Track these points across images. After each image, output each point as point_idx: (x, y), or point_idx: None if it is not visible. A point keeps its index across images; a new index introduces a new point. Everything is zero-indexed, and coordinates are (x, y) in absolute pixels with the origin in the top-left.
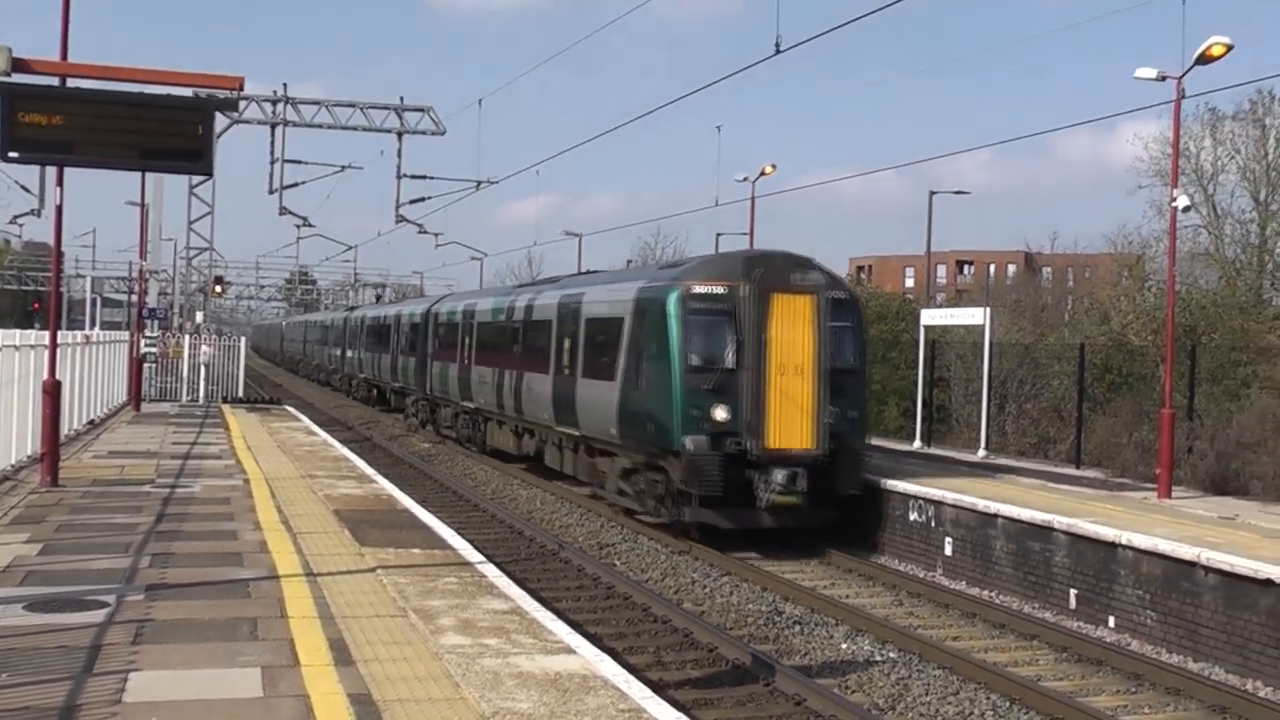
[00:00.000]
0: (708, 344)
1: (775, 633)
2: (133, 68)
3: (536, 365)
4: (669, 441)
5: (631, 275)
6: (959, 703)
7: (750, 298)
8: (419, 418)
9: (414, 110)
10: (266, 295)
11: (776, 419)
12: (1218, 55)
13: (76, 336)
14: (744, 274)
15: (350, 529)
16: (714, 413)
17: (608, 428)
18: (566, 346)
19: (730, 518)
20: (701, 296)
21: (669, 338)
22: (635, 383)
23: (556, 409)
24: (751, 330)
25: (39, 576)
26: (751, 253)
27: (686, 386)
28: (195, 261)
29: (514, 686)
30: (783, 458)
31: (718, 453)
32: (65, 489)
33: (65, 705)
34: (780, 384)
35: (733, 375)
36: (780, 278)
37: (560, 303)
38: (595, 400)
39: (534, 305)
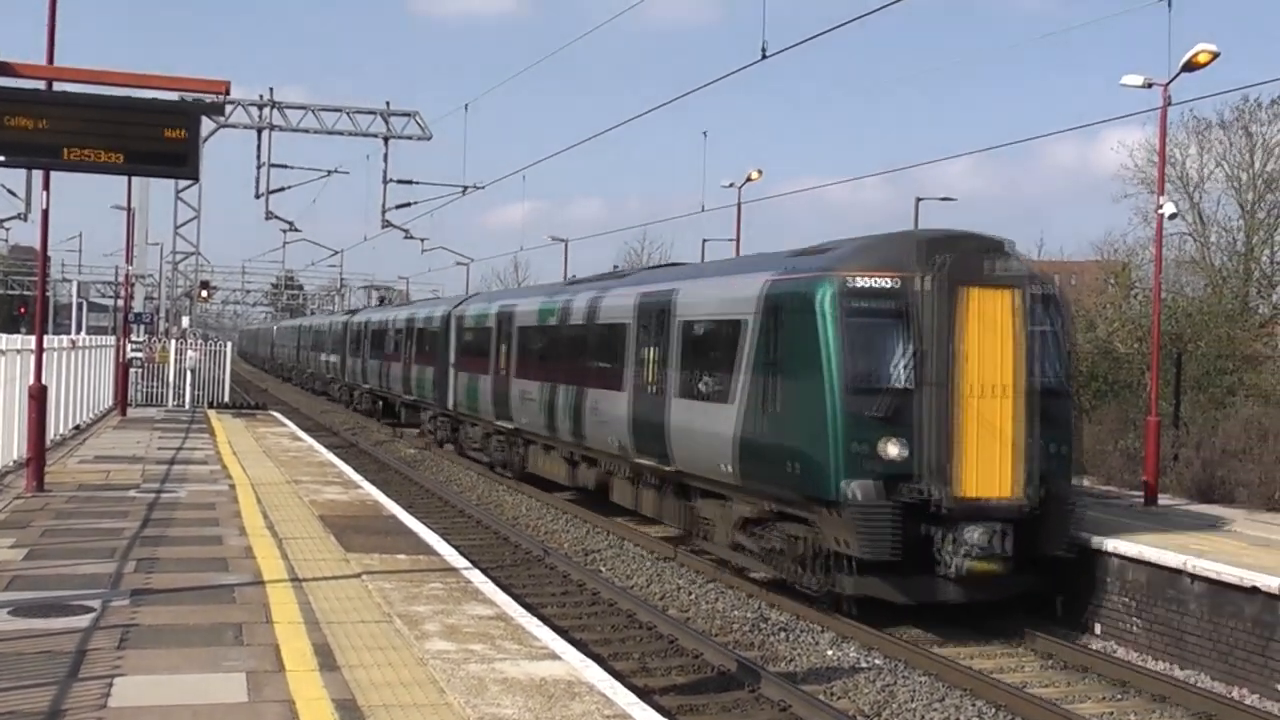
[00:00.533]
0: (875, 356)
1: (761, 639)
2: (119, 71)
3: (606, 380)
4: (821, 487)
5: (745, 265)
6: (944, 709)
7: (933, 293)
8: (437, 435)
9: (400, 115)
10: (253, 300)
11: (970, 457)
12: (1204, 62)
13: (62, 341)
14: (921, 261)
15: (336, 534)
16: (885, 449)
17: (719, 464)
18: (651, 357)
19: (905, 589)
20: (865, 292)
21: (821, 347)
22: (765, 407)
23: (636, 436)
24: (935, 337)
25: (24, 581)
26: (930, 233)
27: (848, 413)
28: (181, 266)
29: (499, 692)
30: (978, 509)
31: (892, 502)
32: (51, 494)
33: (50, 710)
34: (975, 410)
35: (908, 398)
36: (971, 267)
37: (641, 302)
38: (699, 428)
39: (601, 305)
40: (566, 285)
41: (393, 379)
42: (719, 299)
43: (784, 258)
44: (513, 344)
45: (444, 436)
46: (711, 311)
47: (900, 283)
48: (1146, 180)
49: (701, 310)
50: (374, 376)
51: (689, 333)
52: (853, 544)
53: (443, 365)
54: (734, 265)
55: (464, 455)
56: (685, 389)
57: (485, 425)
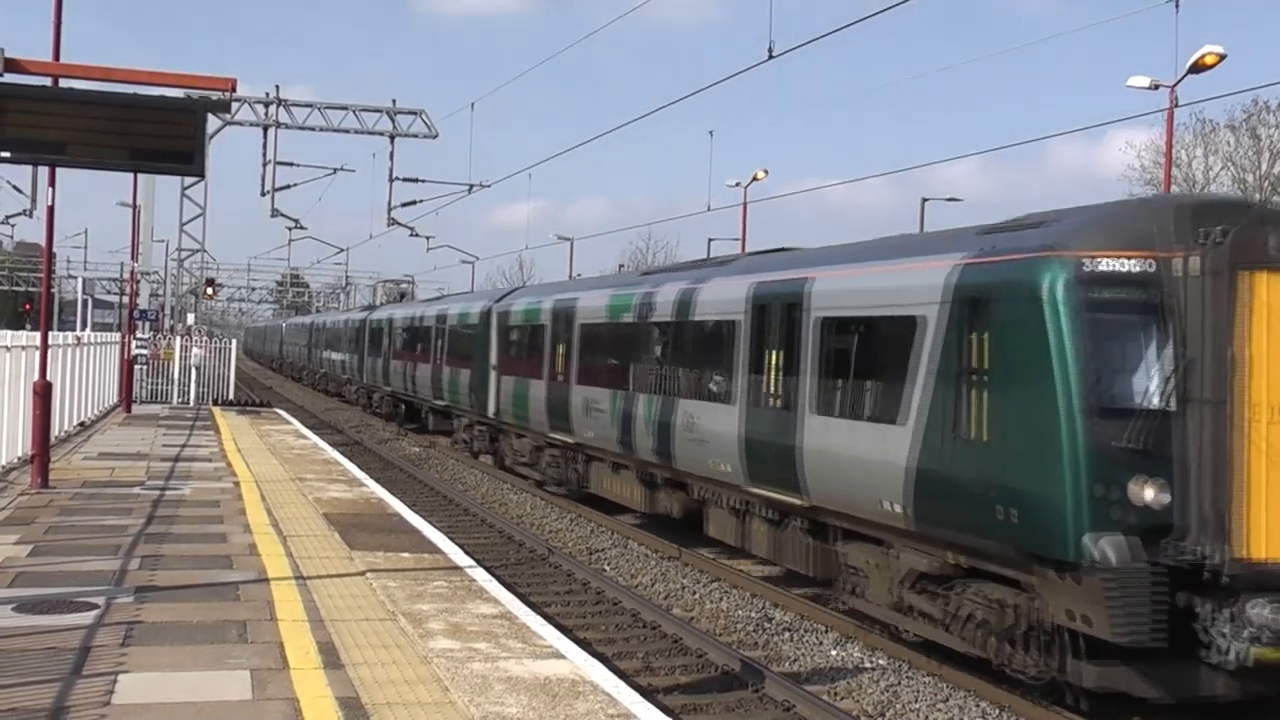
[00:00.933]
0: (1124, 365)
1: (765, 639)
2: (125, 69)
3: (706, 389)
4: (1050, 541)
5: (913, 246)
6: (948, 710)
7: (1203, 279)
8: (473, 446)
9: (406, 113)
10: (258, 297)
11: (1259, 504)
12: (1211, 64)
13: (67, 338)
14: (1183, 235)
15: (340, 532)
16: (1140, 492)
17: (879, 501)
18: (774, 363)
19: (1162, 681)
20: (1109, 278)
21: (1051, 352)
22: (957, 429)
23: (751, 459)
24: (1206, 339)
25: (28, 578)
26: (1190, 200)
27: (1091, 443)
28: (187, 263)
29: (503, 691)
30: (1269, 576)
31: (1153, 566)
32: (55, 490)
33: (54, 707)
34: (1265, 438)
35: (1168, 423)
36: (1254, 243)
37: (758, 294)
38: (850, 454)
39: (698, 299)
40: (643, 275)
41: (420, 382)
42: (879, 289)
43: (972, 235)
44: (573, 345)
45: (482, 447)
46: (867, 305)
47: (1155, 265)
48: (1153, 181)
49: (851, 303)
50: (397, 378)
51: (831, 332)
52: (1098, 621)
53: (481, 368)
54: (892, 246)
55: (505, 469)
56: (826, 403)
57: (536, 437)
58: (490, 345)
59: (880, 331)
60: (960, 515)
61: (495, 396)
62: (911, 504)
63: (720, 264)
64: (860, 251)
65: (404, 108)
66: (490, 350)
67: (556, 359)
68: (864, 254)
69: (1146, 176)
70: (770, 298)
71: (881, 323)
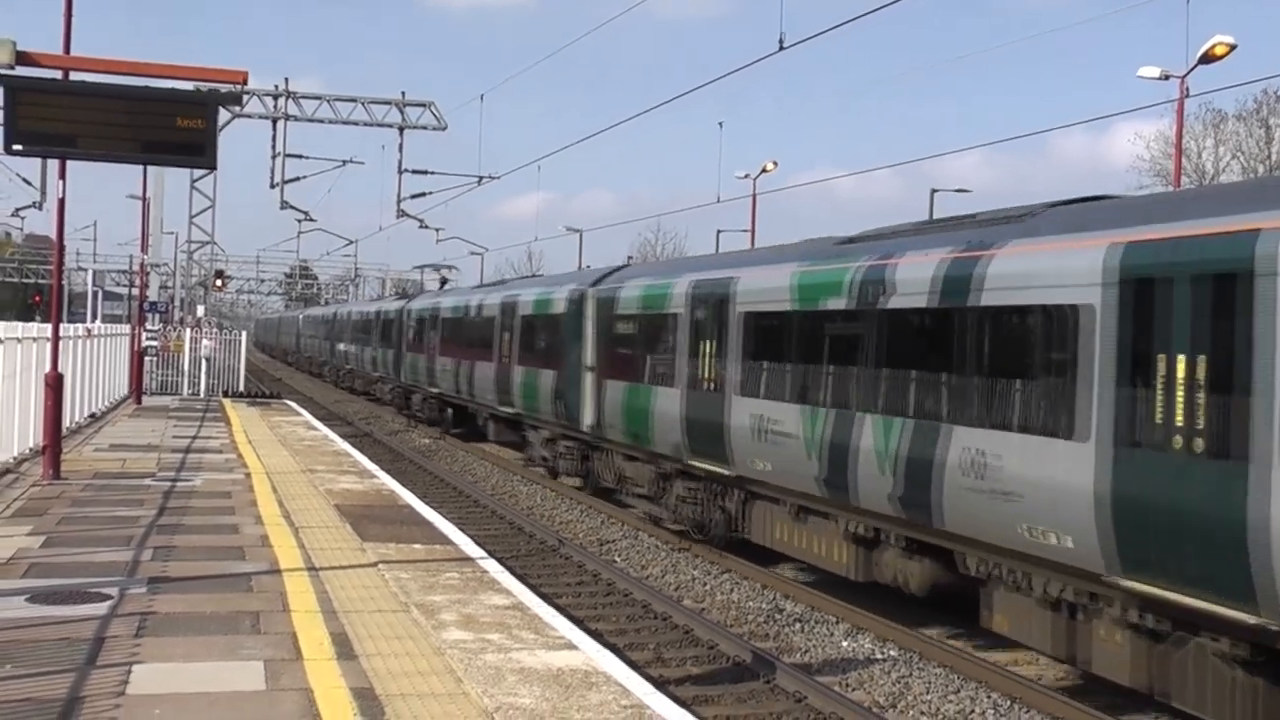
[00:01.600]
0: None
1: (776, 630)
2: (136, 61)
3: (1004, 413)
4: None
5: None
6: (959, 701)
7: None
8: (557, 465)
9: (415, 105)
10: (267, 289)
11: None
12: (1221, 55)
13: (78, 330)
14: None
15: (351, 524)
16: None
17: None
18: (1180, 375)
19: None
20: None
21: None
22: None
23: (1122, 531)
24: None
25: (41, 569)
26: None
27: None
28: (196, 255)
29: (516, 682)
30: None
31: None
32: (67, 482)
33: (69, 697)
34: None
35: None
36: None
37: (1130, 261)
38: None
39: (984, 274)
40: (845, 243)
41: (480, 384)
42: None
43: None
44: (730, 340)
45: (569, 468)
46: None
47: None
48: (1162, 172)
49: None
50: (446, 378)
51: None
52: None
53: (572, 369)
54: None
55: (604, 495)
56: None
57: (664, 464)
58: (585, 341)
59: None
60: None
61: (594, 406)
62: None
63: (1005, 220)
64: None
65: (413, 100)
66: (585, 347)
67: (701, 360)
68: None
69: (1156, 167)
70: (1164, 267)
71: None
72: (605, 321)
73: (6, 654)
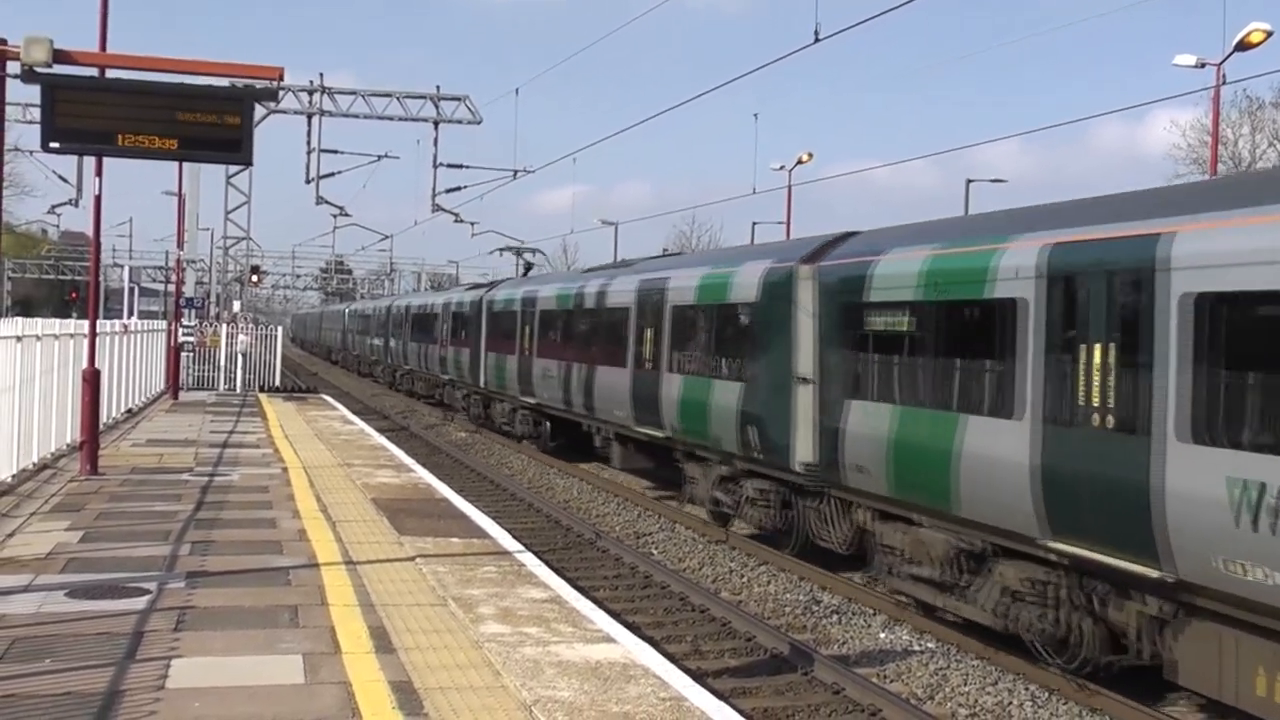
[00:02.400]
0: None
1: (813, 622)
2: (172, 58)
3: None
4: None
5: None
6: (997, 693)
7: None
8: (746, 513)
9: (450, 99)
10: (303, 284)
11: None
12: (1257, 42)
13: (114, 326)
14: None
15: (389, 517)
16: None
17: None
18: None
19: None
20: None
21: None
22: None
23: None
24: None
25: (80, 564)
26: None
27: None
28: (232, 251)
29: (554, 675)
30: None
31: None
32: (105, 477)
33: (109, 691)
34: None
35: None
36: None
37: None
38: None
39: None
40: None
41: (602, 396)
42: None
43: None
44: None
45: (764, 518)
46: None
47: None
48: (1199, 160)
49: None
50: (550, 386)
51: None
52: None
53: (770, 380)
54: None
55: (810, 557)
56: None
57: (982, 537)
58: (796, 340)
59: None
60: None
61: (815, 436)
62: None
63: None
64: None
65: (448, 94)
66: (797, 350)
67: (1082, 375)
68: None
69: (1193, 155)
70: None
71: None
72: (840, 313)
73: (47, 648)
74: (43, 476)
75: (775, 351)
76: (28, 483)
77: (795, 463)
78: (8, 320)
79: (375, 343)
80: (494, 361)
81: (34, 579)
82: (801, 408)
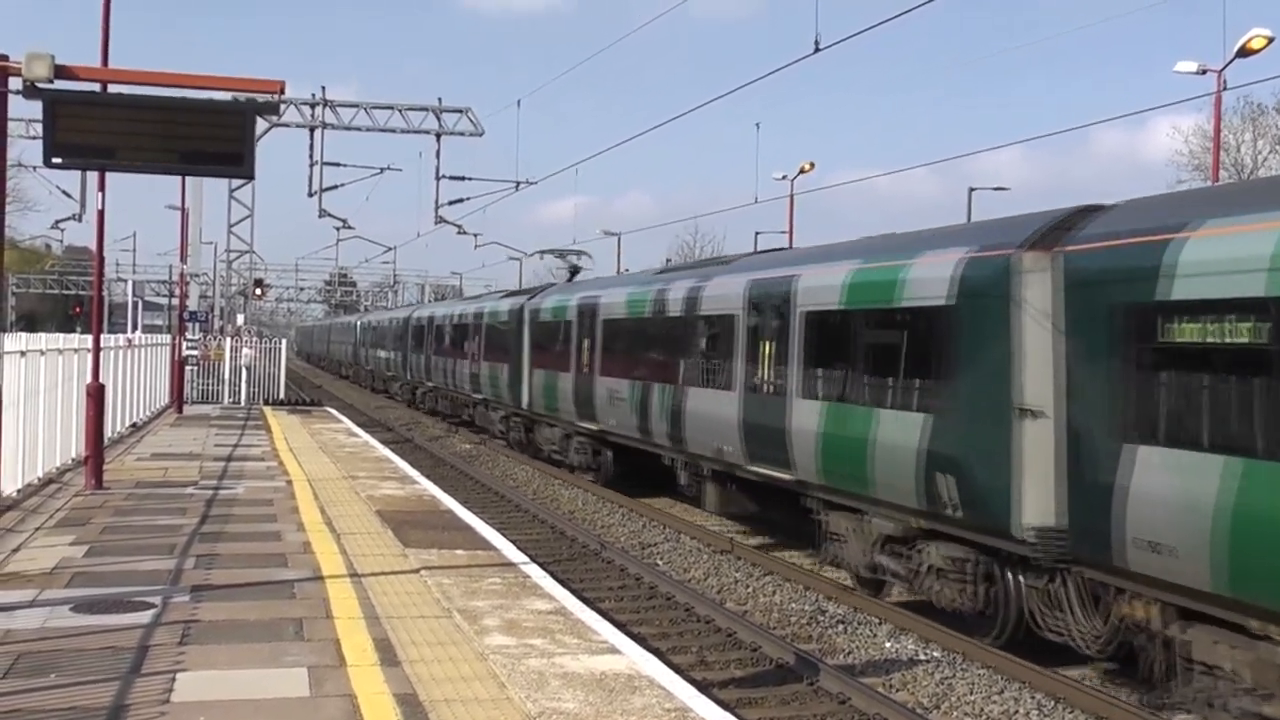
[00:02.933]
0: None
1: (819, 632)
2: (174, 73)
3: None
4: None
5: None
6: (1003, 702)
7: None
8: (939, 590)
9: (452, 111)
10: (306, 297)
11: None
12: (1259, 48)
13: (118, 340)
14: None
15: (393, 530)
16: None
17: None
18: None
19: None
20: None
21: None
22: None
23: None
24: None
25: (85, 578)
26: None
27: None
28: (235, 264)
29: (559, 686)
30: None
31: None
32: (109, 491)
33: (113, 705)
34: None
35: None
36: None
37: None
38: None
39: None
40: None
41: (696, 425)
42: None
43: None
44: None
45: (960, 597)
46: None
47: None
48: (1201, 166)
49: None
50: (617, 411)
51: None
52: None
53: (974, 409)
54: None
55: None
56: None
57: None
58: (1017, 355)
59: None
60: None
61: (1060, 486)
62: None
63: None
64: None
65: (450, 106)
66: (1019, 368)
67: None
68: None
69: (1195, 161)
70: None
71: None
72: (1112, 318)
73: (51, 663)
74: (48, 491)
75: (979, 370)
76: (33, 497)
77: (1020, 527)
78: (12, 335)
79: (392, 357)
80: (540, 382)
81: (39, 594)
82: (1030, 447)
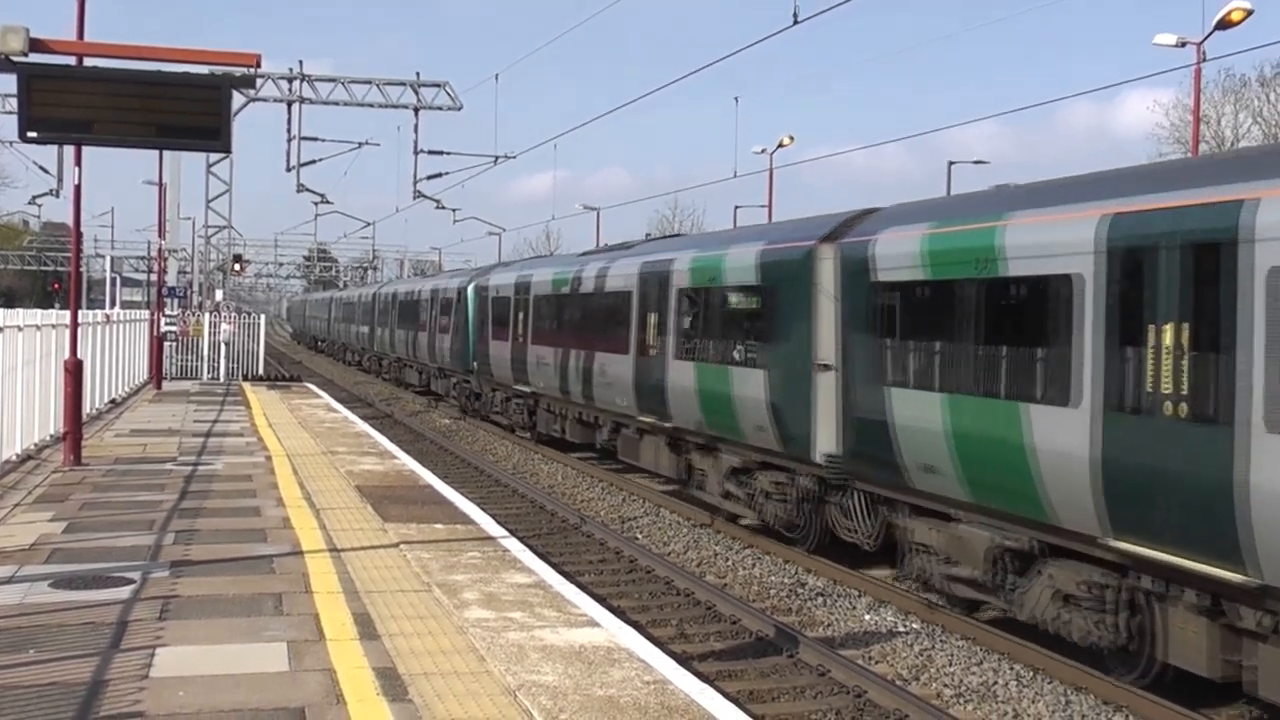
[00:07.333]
0: None
1: (798, 605)
2: (150, 46)
3: None
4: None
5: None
6: (983, 673)
7: None
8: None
9: (430, 86)
10: (286, 273)
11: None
12: (1237, 20)
13: (97, 316)
14: None
15: (373, 505)
16: None
17: None
18: None
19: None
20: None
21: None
22: None
23: None
24: None
25: (64, 554)
26: None
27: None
28: (214, 240)
29: (539, 659)
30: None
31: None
32: (88, 468)
33: (93, 680)
34: None
35: None
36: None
37: None
38: None
39: None
40: None
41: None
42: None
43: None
44: None
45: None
46: None
47: None
48: (1181, 140)
49: None
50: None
51: None
52: None
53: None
54: None
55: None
56: None
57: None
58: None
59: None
60: None
61: None
62: None
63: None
64: None
65: (428, 81)
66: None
67: None
68: None
69: (1175, 135)
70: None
71: None
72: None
73: (31, 639)
74: (26, 468)
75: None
76: (11, 474)
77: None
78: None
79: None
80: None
81: (18, 570)
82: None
